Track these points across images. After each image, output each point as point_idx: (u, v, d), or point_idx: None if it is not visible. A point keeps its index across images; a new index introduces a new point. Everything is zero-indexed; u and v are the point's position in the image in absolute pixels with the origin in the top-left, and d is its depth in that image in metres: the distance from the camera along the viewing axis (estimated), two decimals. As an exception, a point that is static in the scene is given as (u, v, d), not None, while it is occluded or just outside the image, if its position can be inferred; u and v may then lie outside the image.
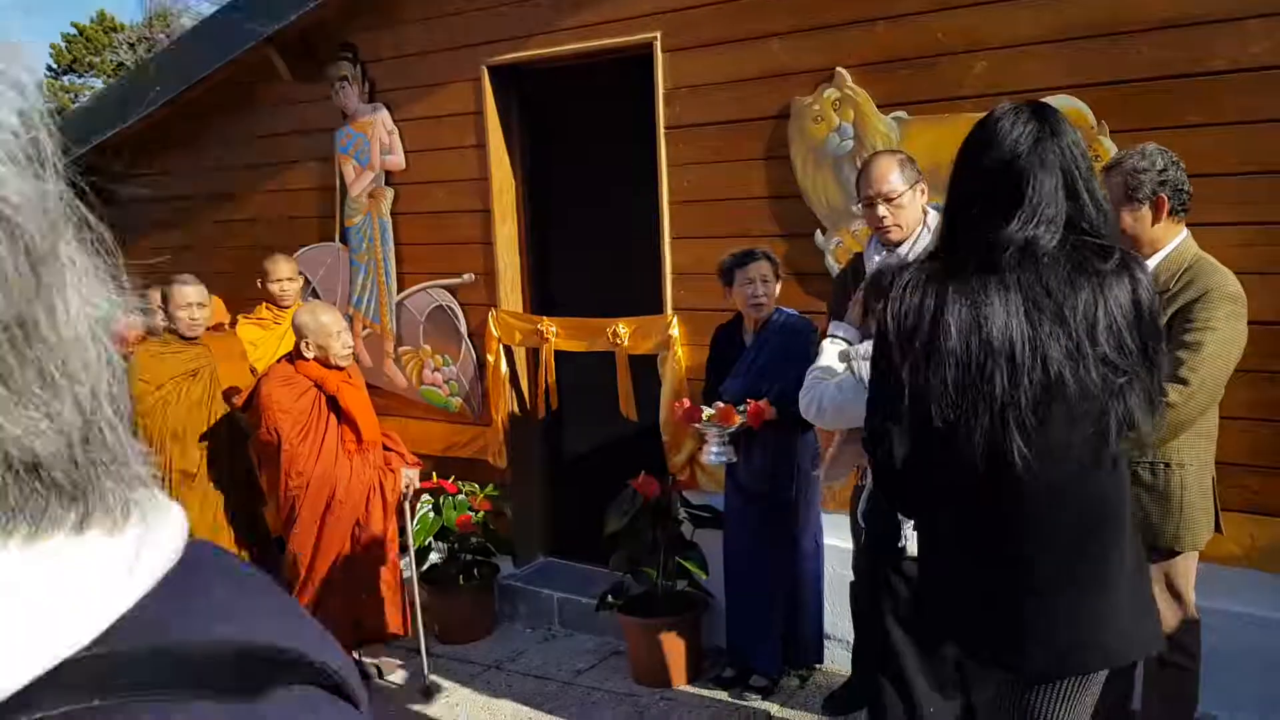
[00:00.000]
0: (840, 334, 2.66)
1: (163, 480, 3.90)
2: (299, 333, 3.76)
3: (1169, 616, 2.67)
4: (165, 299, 4.05)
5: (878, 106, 3.47)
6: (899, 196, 2.87)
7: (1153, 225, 2.54)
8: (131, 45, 27.17)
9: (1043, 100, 1.89)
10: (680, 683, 3.88)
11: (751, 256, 3.42)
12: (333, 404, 3.78)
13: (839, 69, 3.53)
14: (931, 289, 1.72)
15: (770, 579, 3.60)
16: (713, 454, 3.57)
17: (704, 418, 3.47)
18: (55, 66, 31.86)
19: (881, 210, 2.87)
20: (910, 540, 2.49)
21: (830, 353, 2.64)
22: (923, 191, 2.95)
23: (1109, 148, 3.05)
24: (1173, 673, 2.71)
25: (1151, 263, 2.55)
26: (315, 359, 3.75)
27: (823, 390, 2.50)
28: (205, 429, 4.02)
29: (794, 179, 3.69)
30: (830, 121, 3.56)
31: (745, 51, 3.74)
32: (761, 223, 3.81)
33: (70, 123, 5.80)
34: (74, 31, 31.25)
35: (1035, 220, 1.72)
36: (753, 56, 3.72)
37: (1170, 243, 2.57)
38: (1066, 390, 1.68)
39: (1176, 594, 2.68)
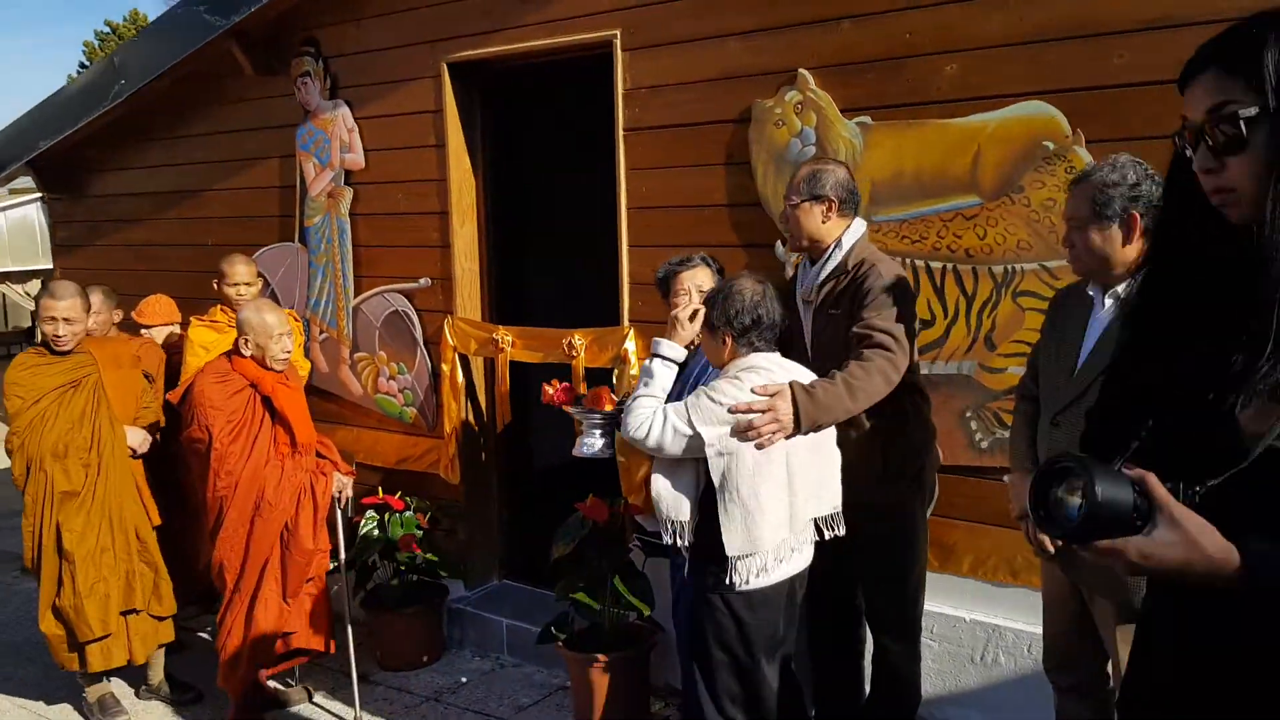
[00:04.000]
0: (672, 355, 2.65)
1: (42, 501, 3.67)
2: (241, 328, 3.60)
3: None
4: (36, 307, 3.84)
5: (841, 111, 3.22)
6: (793, 207, 2.80)
7: (1124, 246, 2.27)
8: (159, 44, 27.36)
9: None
10: (623, 723, 3.62)
11: (686, 263, 3.09)
12: (268, 404, 3.60)
13: (801, 70, 3.27)
14: None
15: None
16: (584, 445, 3.29)
17: (574, 401, 3.24)
18: (88, 63, 32.30)
19: (784, 214, 2.86)
20: (740, 576, 2.47)
21: (664, 376, 2.64)
22: (828, 208, 2.78)
23: (1085, 158, 2.77)
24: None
25: (1125, 285, 2.29)
26: (252, 357, 3.59)
27: (668, 424, 2.51)
28: (89, 444, 3.75)
29: (755, 186, 3.44)
30: (792, 126, 3.31)
31: (706, 51, 3.49)
32: (720, 232, 3.56)
33: (42, 115, 5.67)
34: (107, 29, 31.63)
35: None
36: (713, 56, 3.48)
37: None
38: None
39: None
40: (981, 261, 3.05)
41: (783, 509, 2.47)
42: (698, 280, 3.05)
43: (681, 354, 2.65)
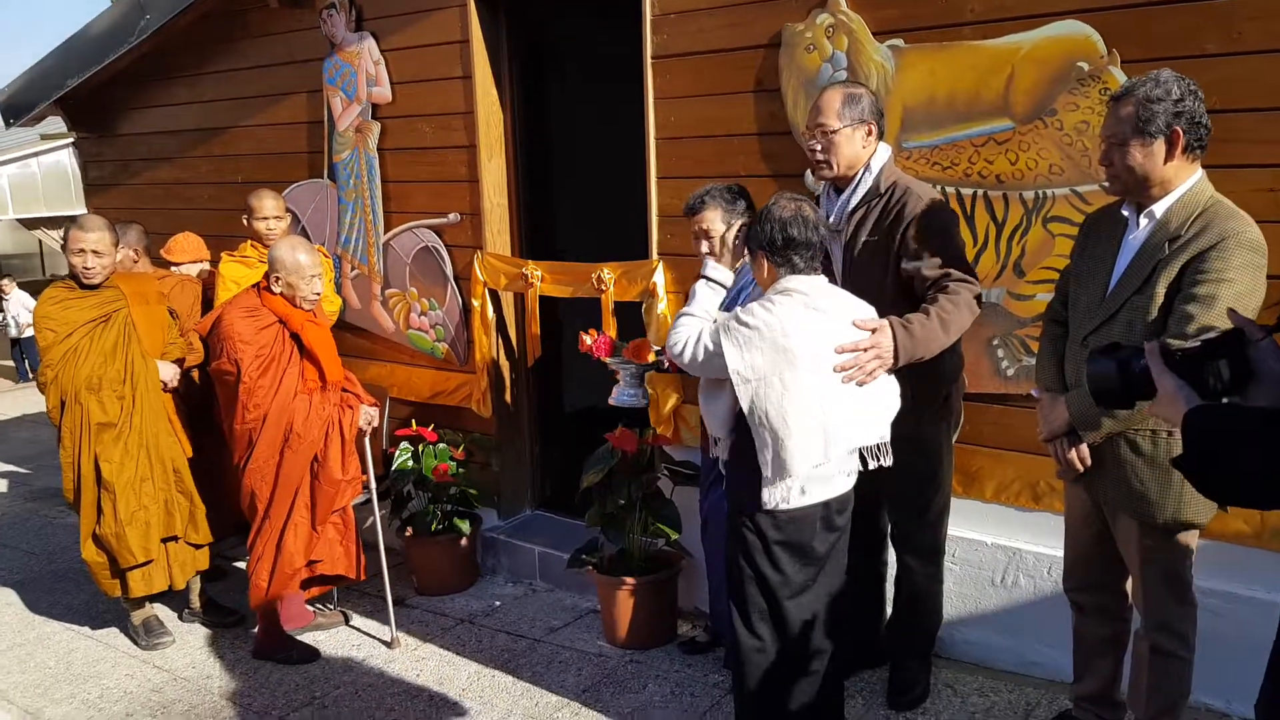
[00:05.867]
0: (716, 277, 2.65)
1: (79, 433, 3.73)
2: (272, 265, 3.60)
3: (1165, 601, 2.45)
4: (64, 241, 3.79)
5: (873, 34, 3.18)
6: (834, 132, 2.73)
7: (1165, 163, 2.25)
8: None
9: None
10: (652, 645, 3.72)
11: (698, 205, 3.05)
12: (296, 341, 3.64)
13: (833, -8, 3.24)
14: None
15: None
16: (623, 395, 3.41)
17: (614, 353, 3.31)
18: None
19: (815, 142, 2.76)
20: (770, 499, 2.49)
21: (707, 297, 2.64)
22: (869, 133, 2.76)
23: (1119, 79, 2.73)
24: (1164, 661, 2.48)
25: (1161, 205, 2.29)
26: (281, 295, 3.61)
27: (700, 341, 2.52)
28: (122, 377, 3.79)
29: (785, 114, 3.42)
30: (823, 50, 3.28)
31: (735, -27, 3.45)
32: (750, 161, 3.55)
33: (69, 54, 5.69)
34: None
35: None
36: (743, -21, 3.44)
37: (1183, 184, 2.28)
38: None
39: (1173, 576, 2.44)
40: (1012, 187, 3.03)
41: (815, 434, 2.46)
42: (703, 225, 3.02)
43: (727, 276, 2.63)
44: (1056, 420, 2.45)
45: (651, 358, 3.27)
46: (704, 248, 3.08)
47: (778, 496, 2.49)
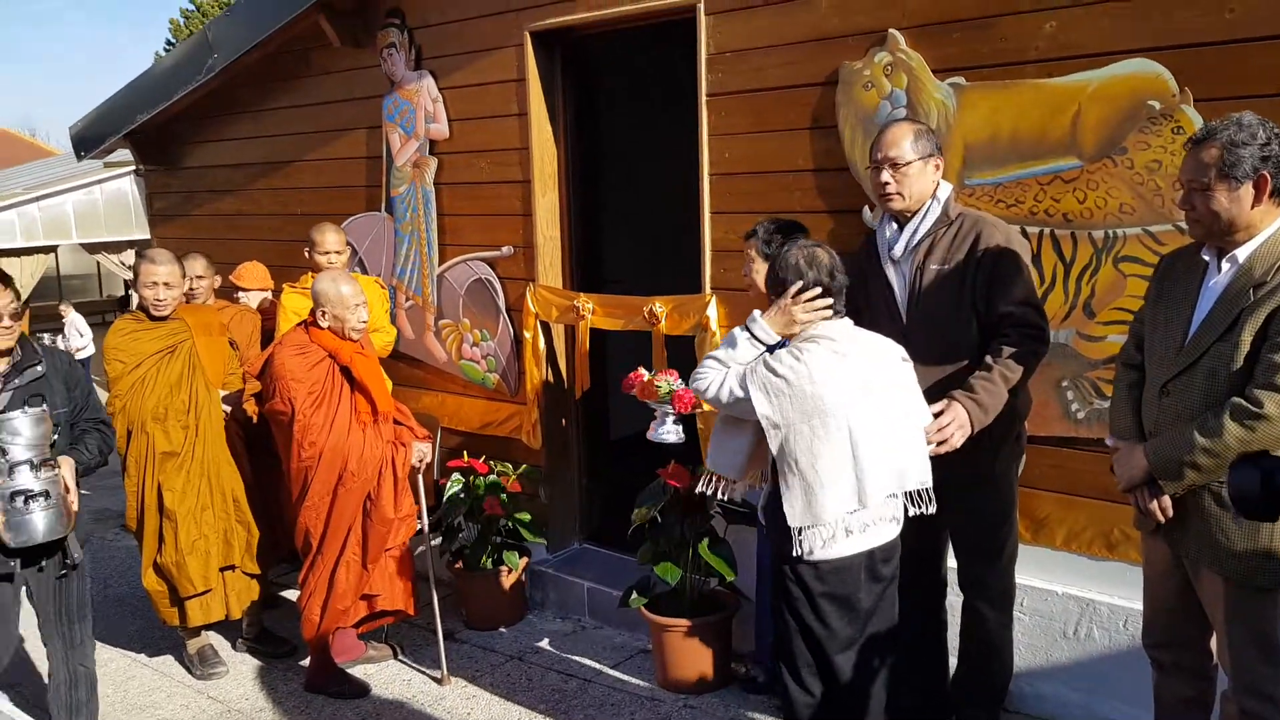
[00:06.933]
0: (760, 335, 2.57)
1: (144, 462, 3.81)
2: (317, 299, 3.63)
3: (1253, 661, 2.32)
4: (134, 274, 3.89)
5: (933, 72, 3.13)
6: (906, 165, 2.71)
7: (1252, 208, 2.18)
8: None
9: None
10: (706, 689, 3.65)
11: (750, 234, 3.19)
12: (346, 374, 3.65)
13: (892, 31, 3.19)
14: None
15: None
16: (657, 431, 3.47)
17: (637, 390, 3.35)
18: (174, 41, 33.16)
19: (885, 175, 2.74)
20: (805, 547, 2.44)
21: (745, 350, 2.57)
22: (936, 167, 2.76)
23: (1193, 119, 2.65)
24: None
25: (1245, 250, 2.22)
26: (330, 329, 3.64)
27: (726, 383, 2.53)
28: (187, 407, 3.87)
29: (842, 151, 3.38)
30: (881, 88, 3.24)
31: (792, 13, 3.43)
32: (806, 198, 3.52)
33: (139, 90, 5.85)
34: (191, 7, 32.43)
35: None
36: (800, 18, 3.41)
37: (1269, 228, 2.21)
38: None
39: (1262, 635, 2.32)
40: (1081, 226, 2.95)
41: (847, 480, 2.41)
42: (749, 250, 3.18)
43: (773, 339, 2.57)
44: (1135, 470, 2.37)
45: (659, 395, 3.34)
46: (743, 270, 3.24)
47: (813, 543, 2.44)
